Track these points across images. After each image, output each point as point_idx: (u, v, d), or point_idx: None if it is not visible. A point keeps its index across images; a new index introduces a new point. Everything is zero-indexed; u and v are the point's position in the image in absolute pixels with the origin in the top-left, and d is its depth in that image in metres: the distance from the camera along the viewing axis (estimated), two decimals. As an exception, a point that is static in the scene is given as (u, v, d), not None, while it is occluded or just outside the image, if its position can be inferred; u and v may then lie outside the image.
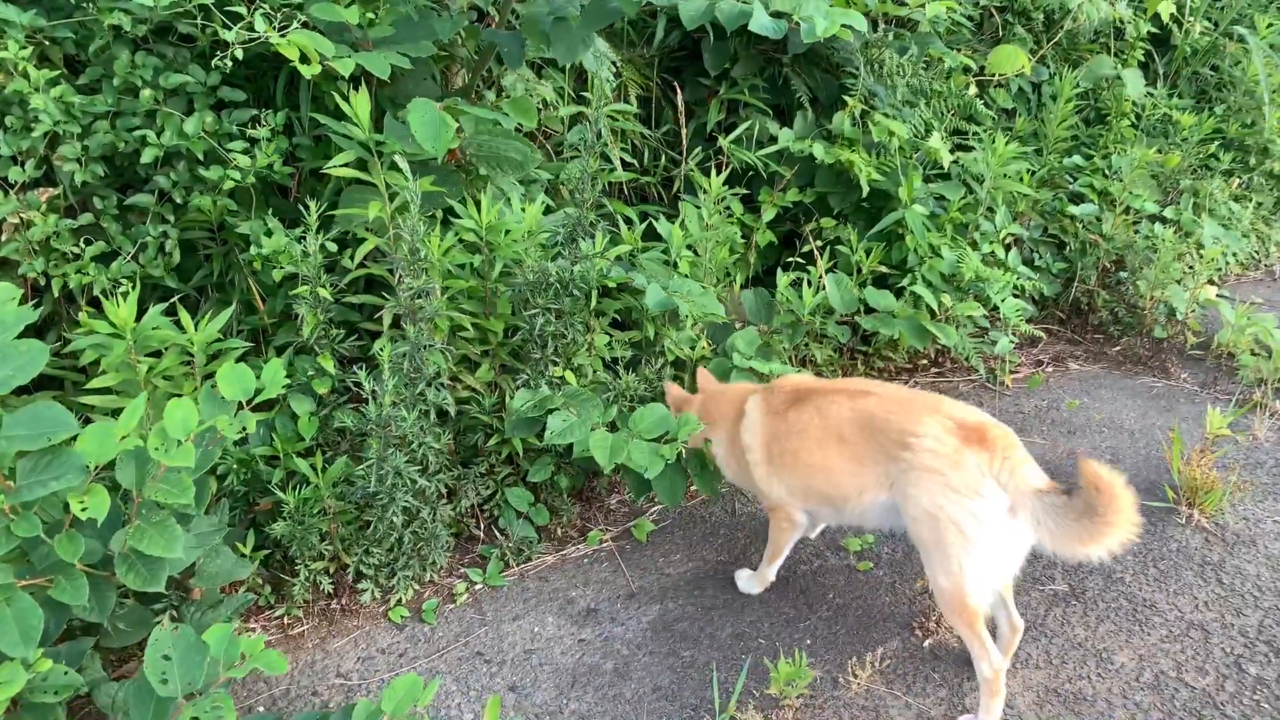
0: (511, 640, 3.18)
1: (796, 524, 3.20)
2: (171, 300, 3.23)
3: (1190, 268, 5.25)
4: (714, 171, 3.92)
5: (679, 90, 4.59)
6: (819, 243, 4.51)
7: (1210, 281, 5.39)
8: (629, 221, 4.06)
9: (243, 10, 2.81)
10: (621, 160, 4.22)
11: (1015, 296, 4.76)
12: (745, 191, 4.58)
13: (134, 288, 3.13)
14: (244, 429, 2.37)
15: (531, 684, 2.98)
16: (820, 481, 2.99)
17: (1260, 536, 3.67)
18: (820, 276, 4.26)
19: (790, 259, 4.57)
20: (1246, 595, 3.35)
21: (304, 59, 2.88)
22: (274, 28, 2.78)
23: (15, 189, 2.92)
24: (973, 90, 5.10)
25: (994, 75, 5.43)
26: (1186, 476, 3.82)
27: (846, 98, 4.58)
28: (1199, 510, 3.78)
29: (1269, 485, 4.03)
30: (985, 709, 2.73)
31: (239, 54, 2.75)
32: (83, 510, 2.08)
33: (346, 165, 3.14)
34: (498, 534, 3.60)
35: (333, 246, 3.19)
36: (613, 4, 2.99)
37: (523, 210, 3.36)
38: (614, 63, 3.37)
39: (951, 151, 4.82)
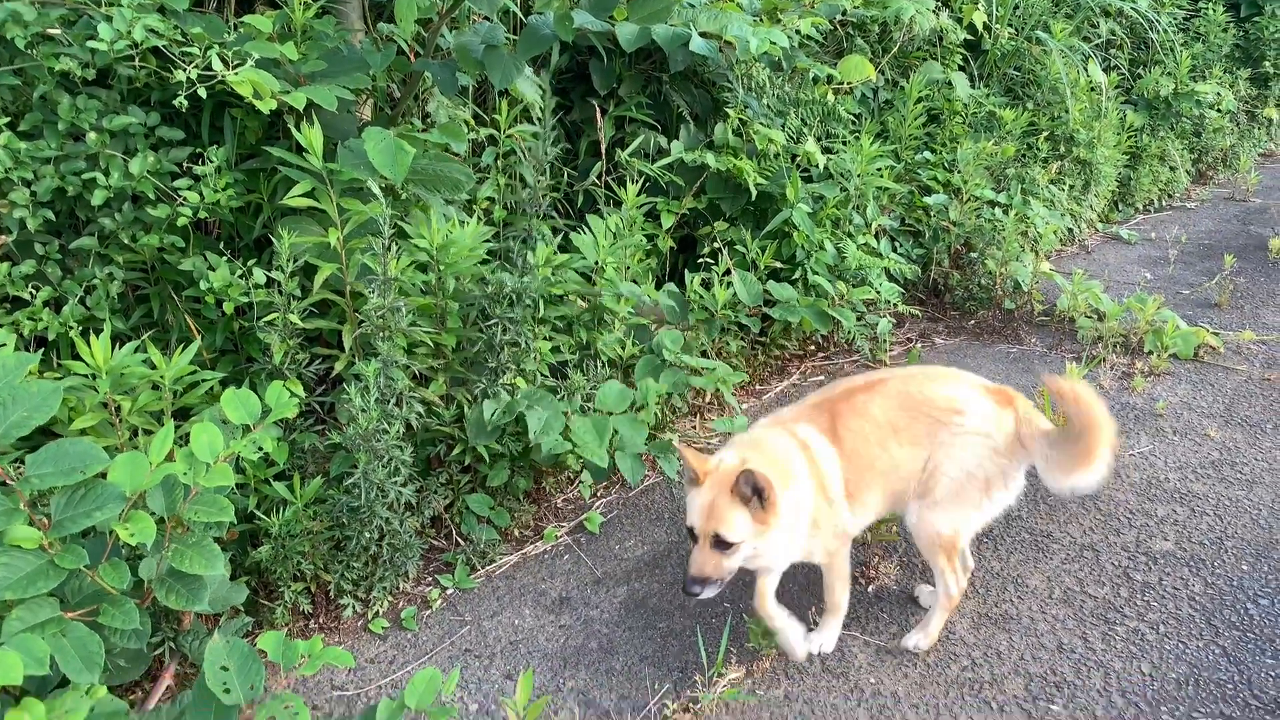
0: (496, 635, 3.35)
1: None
2: (116, 340, 3.24)
3: (1035, 244, 5.93)
4: (624, 184, 4.21)
5: (571, 109, 4.86)
6: (717, 244, 4.87)
7: (1044, 257, 6.12)
8: (545, 234, 4.29)
9: (195, 51, 2.89)
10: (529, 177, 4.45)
11: (890, 280, 5.28)
12: (647, 200, 4.89)
13: (80, 331, 3.15)
14: (261, 449, 2.47)
15: (526, 670, 3.16)
16: (893, 480, 3.05)
17: (1122, 468, 4.26)
18: (723, 274, 4.61)
19: (697, 260, 4.91)
20: (1121, 518, 3.90)
21: (256, 95, 2.97)
22: (229, 67, 2.88)
23: (-40, 239, 2.89)
24: (831, 98, 5.60)
25: (842, 83, 5.96)
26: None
27: (728, 110, 4.97)
28: (1070, 451, 4.34)
29: (1120, 425, 4.65)
30: (937, 622, 3.14)
31: (202, 92, 2.83)
32: (131, 536, 2.15)
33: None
34: (460, 540, 3.75)
35: (279, 276, 3.27)
36: (545, 32, 3.23)
37: (462, 227, 3.54)
38: (540, 86, 3.60)
39: (822, 154, 5.29)
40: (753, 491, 2.62)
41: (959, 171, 6.13)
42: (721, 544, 2.68)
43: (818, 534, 2.93)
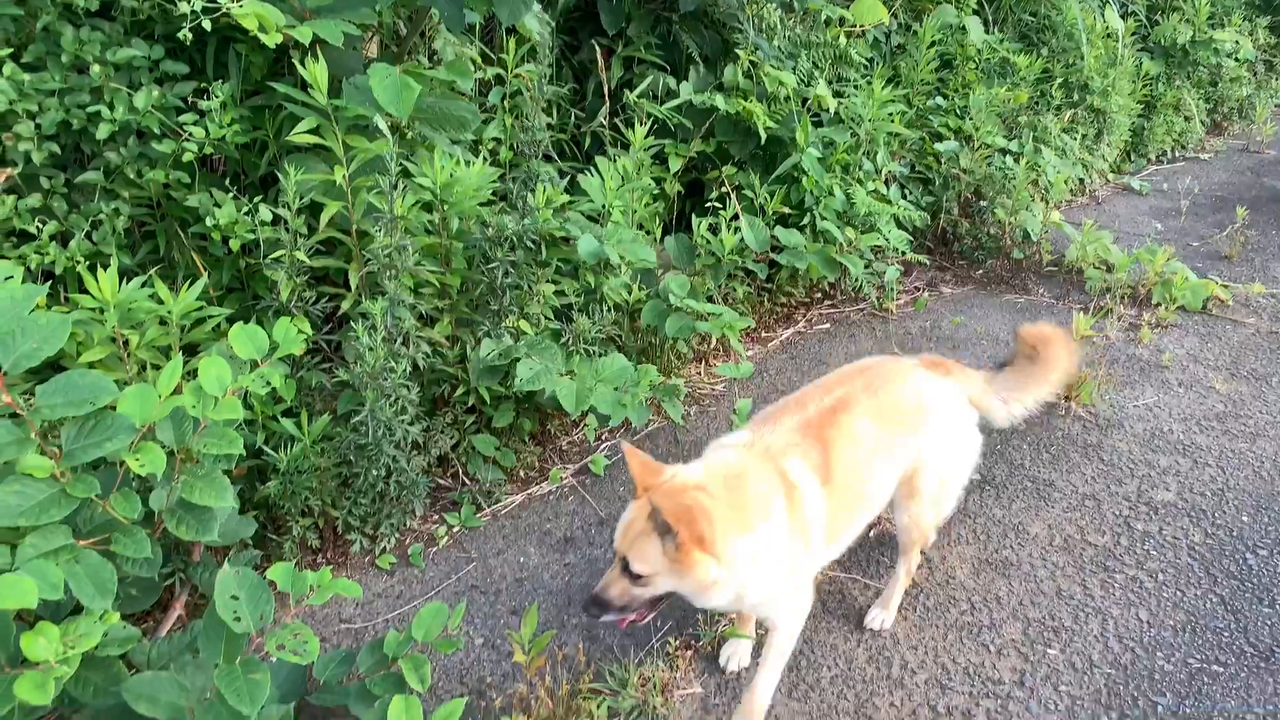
0: (501, 572, 3.39)
1: None
2: (123, 276, 3.24)
3: (1045, 194, 5.88)
4: (632, 126, 4.17)
5: (579, 49, 4.80)
6: (726, 188, 4.83)
7: (1054, 206, 6.07)
8: (552, 177, 4.26)
9: (200, -18, 2.85)
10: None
11: (899, 228, 5.25)
12: (655, 143, 4.84)
13: (87, 266, 3.14)
14: (268, 385, 2.49)
15: (531, 605, 3.21)
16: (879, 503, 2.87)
17: (1126, 419, 4.27)
18: (731, 219, 4.58)
19: (705, 205, 4.87)
20: (1123, 468, 3.91)
21: (261, 29, 2.94)
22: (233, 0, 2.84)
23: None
24: (843, 41, 5.51)
25: (855, 26, 5.87)
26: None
27: (738, 51, 4.89)
28: (1075, 402, 4.35)
29: (1125, 376, 4.66)
30: (898, 596, 3.12)
31: (206, 24, 2.79)
32: (141, 467, 2.17)
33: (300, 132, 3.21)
34: (466, 480, 3.78)
35: (286, 213, 3.25)
36: (554, -34, 3.19)
37: (468, 167, 3.51)
38: (549, 23, 3.55)
39: (833, 98, 5.22)
40: (664, 531, 2.24)
41: (971, 118, 6.06)
42: (631, 573, 2.31)
43: (795, 576, 2.58)
